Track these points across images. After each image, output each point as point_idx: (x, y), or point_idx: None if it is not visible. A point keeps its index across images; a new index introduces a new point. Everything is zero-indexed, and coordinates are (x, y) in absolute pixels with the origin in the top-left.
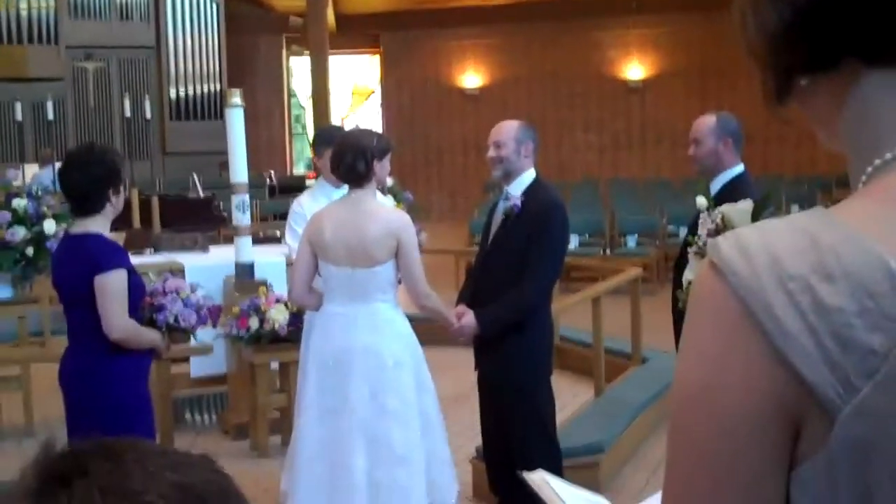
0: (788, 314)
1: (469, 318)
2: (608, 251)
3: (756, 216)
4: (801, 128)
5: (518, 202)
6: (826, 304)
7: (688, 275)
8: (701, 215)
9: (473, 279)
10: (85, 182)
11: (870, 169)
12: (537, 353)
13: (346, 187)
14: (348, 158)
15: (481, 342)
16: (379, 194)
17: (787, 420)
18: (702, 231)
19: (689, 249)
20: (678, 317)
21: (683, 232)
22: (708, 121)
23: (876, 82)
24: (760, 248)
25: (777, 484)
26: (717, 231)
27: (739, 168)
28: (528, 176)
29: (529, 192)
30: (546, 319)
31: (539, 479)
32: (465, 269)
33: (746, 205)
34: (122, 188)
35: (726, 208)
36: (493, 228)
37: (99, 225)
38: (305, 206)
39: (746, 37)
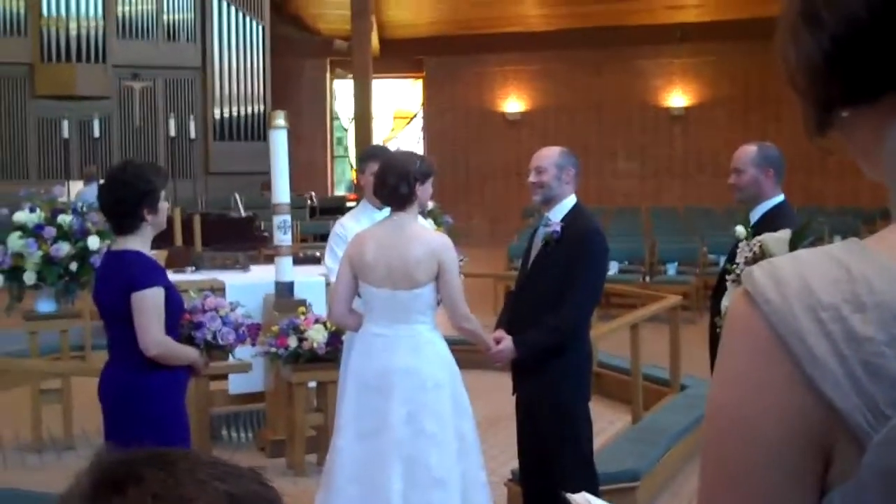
0: (819, 342)
1: (507, 342)
2: (648, 278)
3: (794, 245)
4: (843, 159)
5: (558, 228)
6: (857, 333)
7: (725, 302)
8: (739, 244)
9: (512, 304)
10: (116, 202)
11: None
12: (576, 377)
13: (388, 209)
14: (391, 181)
15: (520, 365)
16: (419, 217)
17: (817, 447)
18: (740, 259)
19: (728, 277)
20: (714, 343)
21: (723, 261)
22: (749, 150)
23: None
24: (794, 276)
25: None
26: (754, 259)
27: (780, 198)
28: (569, 202)
29: (569, 219)
30: (585, 345)
31: (582, 500)
32: (503, 293)
33: (785, 234)
34: (159, 206)
35: (765, 237)
36: (533, 253)
37: (138, 243)
38: (348, 228)
39: (788, 67)
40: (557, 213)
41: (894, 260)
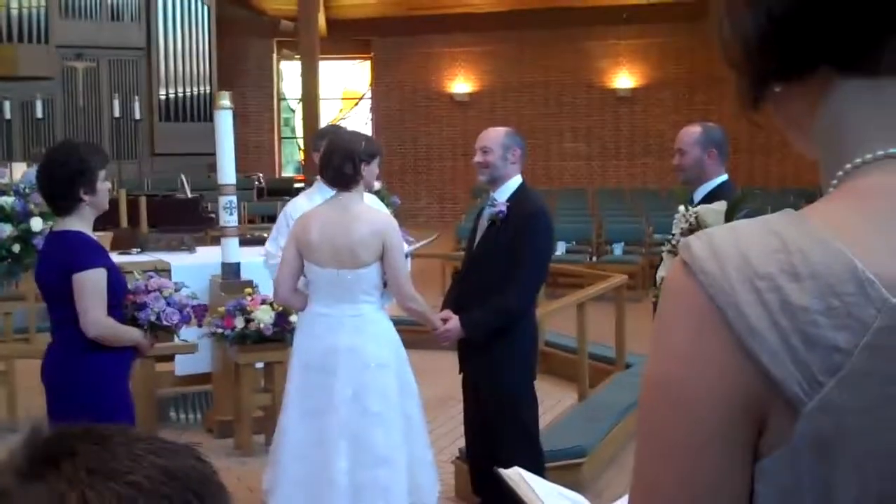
0: (756, 312)
1: (454, 322)
2: (594, 258)
3: (730, 216)
4: (785, 140)
5: (504, 208)
6: (793, 302)
7: (661, 272)
8: (676, 215)
9: (459, 284)
10: (50, 182)
11: (840, 173)
12: (522, 356)
13: None
14: (336, 161)
15: (466, 345)
16: (367, 195)
17: (753, 416)
18: (676, 230)
19: (663, 248)
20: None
21: None
22: (693, 131)
23: (849, 90)
24: (731, 247)
25: (742, 477)
26: (690, 230)
27: (723, 177)
28: (515, 182)
29: (515, 199)
30: (531, 324)
31: (515, 475)
32: (451, 274)
33: (720, 205)
34: (98, 185)
35: (701, 208)
36: (479, 234)
37: (78, 223)
38: (300, 210)
39: (723, 43)
40: (503, 194)
41: (828, 230)
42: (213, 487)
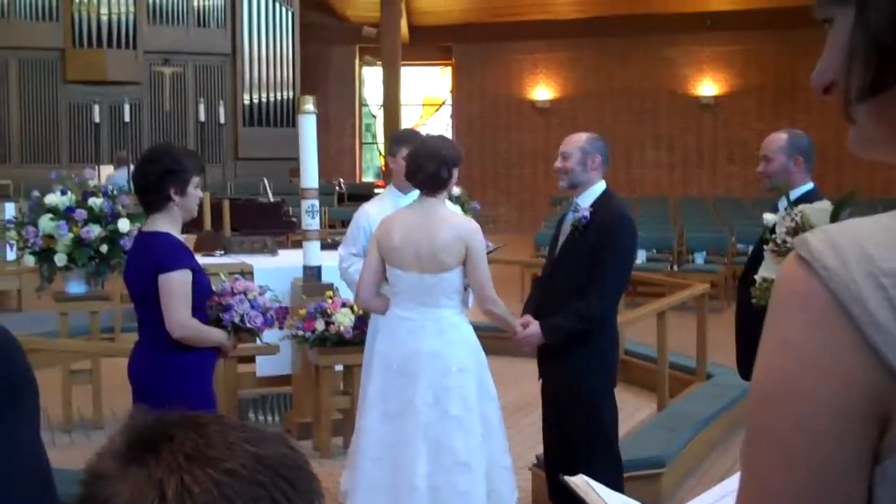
0: (882, 308)
1: (534, 327)
2: (675, 267)
3: (836, 215)
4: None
5: (587, 213)
6: None
7: (762, 272)
8: (778, 213)
9: (540, 289)
10: (142, 179)
11: None
12: (603, 364)
13: (413, 194)
14: (431, 165)
15: (546, 352)
16: (448, 202)
17: (875, 414)
18: (780, 229)
19: (766, 247)
20: (743, 329)
21: (751, 249)
22: (779, 137)
23: None
24: (851, 243)
25: (859, 478)
26: (795, 229)
27: (808, 186)
28: (598, 188)
29: (598, 204)
30: (612, 331)
31: (581, 482)
32: (530, 280)
33: (825, 204)
34: (189, 189)
35: (805, 207)
36: (561, 239)
37: (166, 224)
38: (372, 217)
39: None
40: (586, 199)
41: None
42: (304, 475)
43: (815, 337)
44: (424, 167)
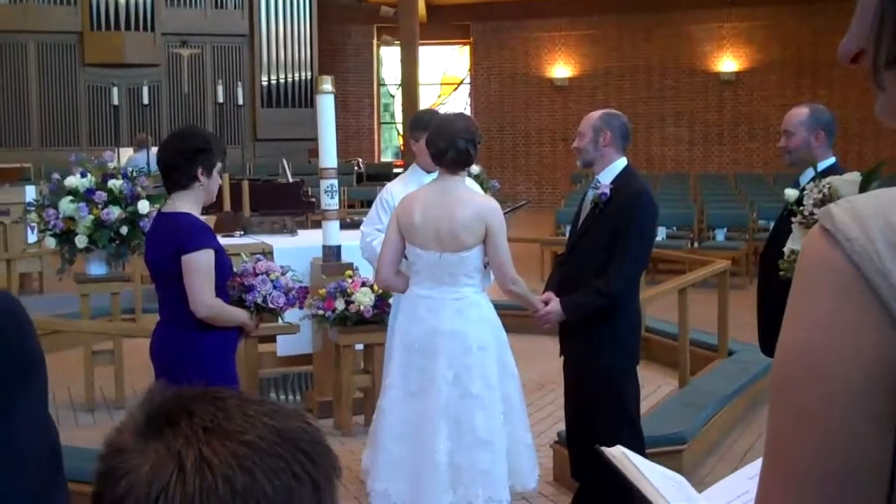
0: None
1: (555, 304)
2: (696, 244)
3: (865, 186)
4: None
5: (607, 190)
6: None
7: (790, 244)
8: (807, 186)
9: (561, 267)
10: (173, 154)
11: None
12: (624, 340)
13: (437, 173)
14: (461, 144)
15: (567, 329)
16: (468, 180)
17: None
18: (808, 201)
19: (794, 219)
20: (763, 303)
21: (772, 226)
22: (800, 112)
23: None
24: (875, 214)
25: (882, 451)
26: (823, 201)
27: (830, 160)
28: (619, 164)
29: (619, 181)
30: (634, 308)
31: (619, 453)
32: (551, 257)
33: (854, 175)
34: (214, 172)
35: (833, 179)
36: (582, 216)
37: (189, 204)
38: (395, 195)
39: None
40: (607, 176)
41: None
42: (322, 449)
43: (837, 309)
44: (457, 146)
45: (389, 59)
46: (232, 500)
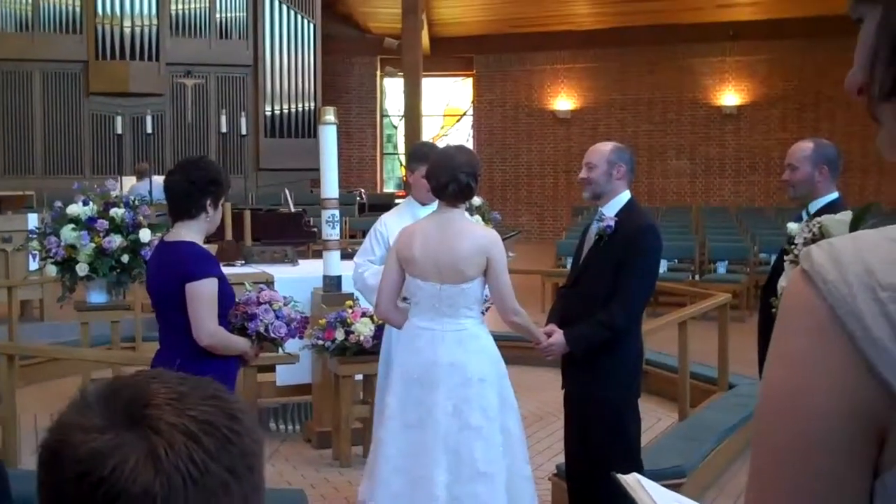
0: (878, 323)
1: (558, 336)
2: (697, 277)
3: (855, 226)
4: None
5: (612, 223)
6: None
7: (782, 282)
8: (799, 224)
9: (564, 299)
10: (185, 183)
11: None
12: (626, 373)
13: (432, 206)
14: (462, 178)
15: (570, 361)
16: (466, 214)
17: (872, 428)
18: (799, 240)
19: (786, 258)
20: (765, 337)
21: (774, 259)
22: (804, 147)
23: None
24: (853, 257)
25: (857, 491)
26: (813, 240)
27: (834, 195)
28: (623, 197)
29: (623, 214)
30: (637, 340)
31: (633, 481)
32: (552, 289)
33: (845, 215)
34: (220, 204)
35: (825, 218)
36: (586, 248)
37: (193, 234)
38: (390, 227)
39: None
40: (611, 209)
41: None
42: (242, 404)
43: (814, 351)
44: (457, 179)
45: (393, 90)
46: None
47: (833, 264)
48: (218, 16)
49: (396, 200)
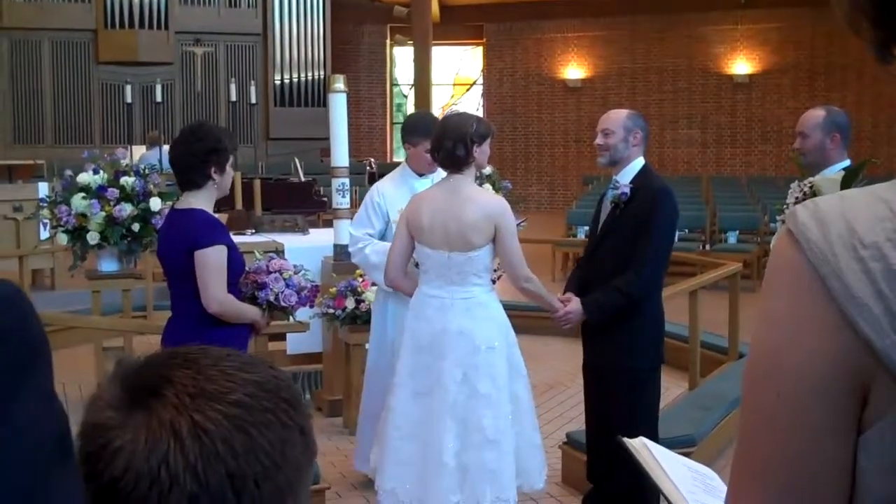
0: (859, 280)
1: (575, 304)
2: (708, 247)
3: (847, 185)
4: None
5: (627, 190)
6: None
7: (774, 241)
8: (791, 185)
9: (582, 267)
10: (186, 155)
11: None
12: (648, 341)
13: (429, 177)
14: (448, 144)
15: (590, 330)
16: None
17: (854, 385)
18: (790, 199)
19: (778, 218)
20: None
21: None
22: (816, 114)
23: None
24: (836, 215)
25: (842, 448)
26: (804, 199)
27: (845, 163)
28: (637, 164)
29: (638, 180)
30: (657, 307)
31: (639, 445)
32: (562, 258)
33: (837, 175)
34: (227, 167)
35: (817, 178)
36: (602, 217)
37: (202, 201)
38: (386, 196)
39: None
40: (626, 176)
41: None
42: (296, 392)
43: (798, 310)
44: (444, 145)
45: (402, 59)
46: (234, 461)
47: (816, 223)
48: None
49: None
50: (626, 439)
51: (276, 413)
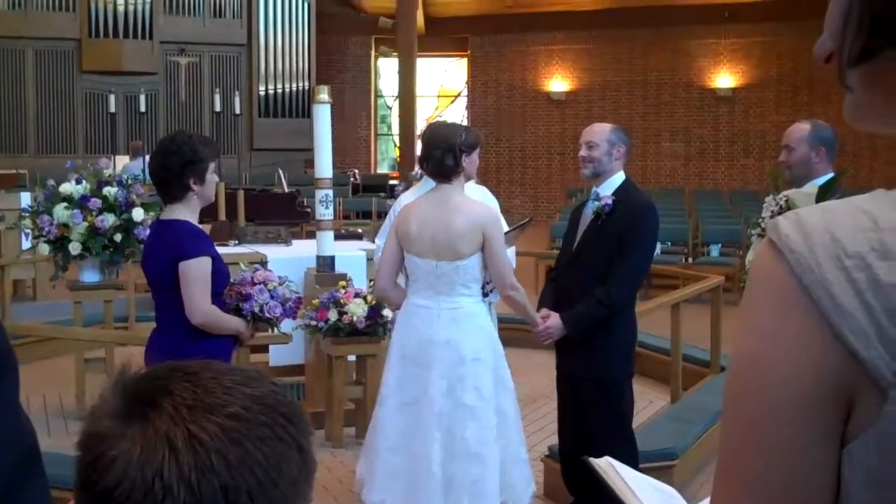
0: (844, 291)
1: (555, 319)
2: (690, 259)
3: (821, 199)
4: (893, 142)
5: (610, 201)
6: (882, 281)
7: (750, 256)
8: (766, 199)
9: (557, 281)
10: (161, 169)
11: None
12: (621, 351)
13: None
14: (436, 154)
15: (564, 340)
16: (472, 184)
17: (839, 396)
18: (766, 213)
19: (753, 232)
20: None
21: None
22: (802, 128)
23: None
24: (820, 226)
25: (826, 460)
26: (780, 213)
27: (830, 176)
28: (618, 178)
29: (620, 193)
30: (631, 318)
31: (605, 465)
32: (546, 271)
33: (811, 188)
34: (207, 177)
35: (792, 192)
36: (581, 228)
37: (186, 212)
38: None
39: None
40: (607, 189)
41: None
42: (297, 410)
43: (782, 321)
44: (433, 155)
45: (387, 70)
46: (227, 473)
47: (800, 234)
48: None
49: (391, 181)
50: (592, 459)
51: (273, 427)
